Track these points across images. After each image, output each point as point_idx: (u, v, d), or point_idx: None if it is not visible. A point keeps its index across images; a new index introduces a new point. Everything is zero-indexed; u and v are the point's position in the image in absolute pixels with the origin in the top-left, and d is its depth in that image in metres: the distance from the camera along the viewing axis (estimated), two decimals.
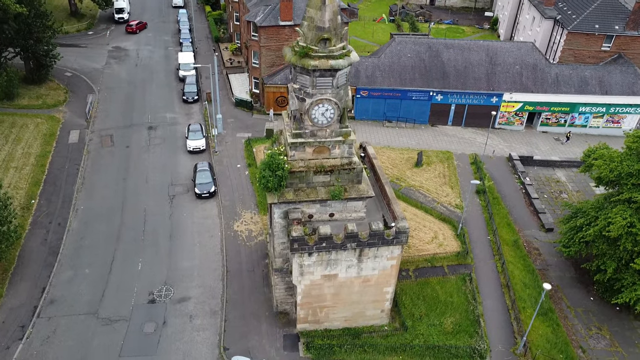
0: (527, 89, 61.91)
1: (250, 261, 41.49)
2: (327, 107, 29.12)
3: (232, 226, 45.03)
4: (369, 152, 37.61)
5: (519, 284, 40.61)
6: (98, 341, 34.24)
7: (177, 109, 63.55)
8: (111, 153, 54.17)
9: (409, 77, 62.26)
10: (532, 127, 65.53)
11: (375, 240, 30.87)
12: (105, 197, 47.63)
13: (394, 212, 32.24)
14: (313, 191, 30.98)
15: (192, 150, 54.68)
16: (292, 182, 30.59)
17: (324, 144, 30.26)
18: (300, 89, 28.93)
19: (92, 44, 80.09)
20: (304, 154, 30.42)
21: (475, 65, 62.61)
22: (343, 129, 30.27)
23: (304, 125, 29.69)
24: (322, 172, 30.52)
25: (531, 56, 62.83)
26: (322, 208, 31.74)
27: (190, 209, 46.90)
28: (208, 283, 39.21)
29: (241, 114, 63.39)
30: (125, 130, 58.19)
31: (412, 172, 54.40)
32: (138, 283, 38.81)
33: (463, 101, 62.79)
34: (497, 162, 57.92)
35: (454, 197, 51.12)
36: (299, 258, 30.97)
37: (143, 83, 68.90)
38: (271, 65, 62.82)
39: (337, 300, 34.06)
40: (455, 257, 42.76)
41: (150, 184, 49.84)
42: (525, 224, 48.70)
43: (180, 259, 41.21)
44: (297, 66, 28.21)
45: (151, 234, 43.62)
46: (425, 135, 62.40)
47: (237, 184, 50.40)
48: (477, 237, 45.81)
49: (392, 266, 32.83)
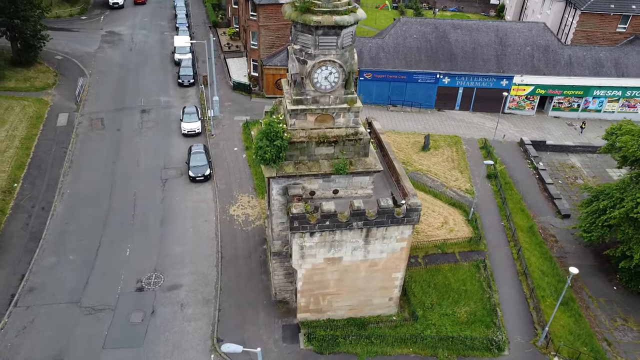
0: (539, 71, 58.97)
1: (246, 247, 38.57)
2: (331, 70, 26.19)
3: (228, 210, 42.11)
4: (376, 128, 34.69)
5: (536, 272, 37.67)
6: (80, 332, 31.29)
7: (172, 93, 60.63)
8: (101, 136, 51.25)
9: (415, 58, 59.32)
10: (544, 112, 62.60)
11: (384, 218, 27.93)
12: (93, 181, 44.70)
13: (404, 189, 29.31)
14: (315, 164, 28.06)
15: (187, 133, 51.75)
16: (292, 154, 27.65)
17: (327, 112, 27.32)
18: (301, 49, 26.01)
19: (85, 28, 77.23)
20: (305, 123, 27.49)
21: (484, 47, 59.67)
22: (348, 96, 27.34)
23: (305, 90, 26.76)
24: (325, 143, 27.60)
25: (543, 37, 59.88)
26: (325, 184, 28.81)
27: (183, 192, 43.98)
28: (201, 270, 36.29)
29: (239, 98, 60.47)
30: (117, 114, 55.27)
31: (418, 156, 51.49)
32: (125, 270, 35.88)
33: (471, 84, 59.85)
34: (508, 147, 54.99)
35: (463, 181, 48.19)
36: (299, 239, 28.04)
37: (137, 67, 66.02)
38: (270, 46, 59.90)
39: (342, 287, 31.12)
40: (467, 243, 39.82)
41: (142, 167, 46.91)
42: (540, 210, 45.76)
43: (171, 245, 38.30)
44: (297, 23, 25.28)
45: (141, 219, 40.70)
46: (432, 119, 59.47)
47: (234, 167, 47.48)
48: (490, 222, 42.86)
49: (402, 249, 29.89)
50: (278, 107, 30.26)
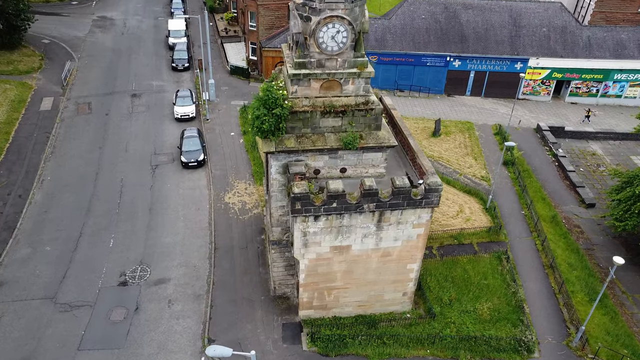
0: (556, 53, 55.28)
1: (243, 237, 34.93)
2: (339, 27, 22.55)
3: (223, 198, 38.47)
4: (386, 103, 31.03)
5: (563, 265, 34.02)
6: (53, 331, 27.62)
7: (165, 77, 56.98)
8: (87, 121, 47.59)
9: (423, 40, 55.64)
10: (560, 98, 58.93)
11: (399, 200, 24.28)
12: (76, 167, 41.06)
13: (422, 166, 25.66)
14: (320, 138, 24.42)
15: (180, 117, 48.10)
16: (294, 126, 24.02)
17: (334, 77, 23.68)
18: (304, 4, 22.37)
19: (75, 13, 73.62)
20: (308, 90, 23.84)
21: (497, 28, 55.99)
22: (358, 59, 23.70)
23: (309, 52, 23.12)
24: (331, 113, 23.96)
25: (560, 17, 56.19)
26: (332, 161, 25.17)
27: (175, 179, 40.33)
28: (192, 262, 32.64)
29: (236, 82, 56.85)
30: (106, 98, 51.62)
31: (429, 142, 47.86)
32: (108, 262, 32.22)
33: (483, 67, 56.15)
34: (524, 134, 51.35)
35: (478, 168, 44.53)
36: (302, 223, 24.39)
37: (129, 51, 62.37)
38: (270, 27, 56.22)
39: (350, 280, 27.46)
40: (486, 233, 36.17)
41: (130, 152, 43.25)
42: (562, 199, 42.09)
43: (160, 235, 34.66)
44: None
45: (127, 207, 37.05)
46: (442, 105, 55.81)
47: (230, 152, 43.81)
48: (510, 211, 39.21)
49: (419, 236, 26.24)
50: (278, 75, 26.59)
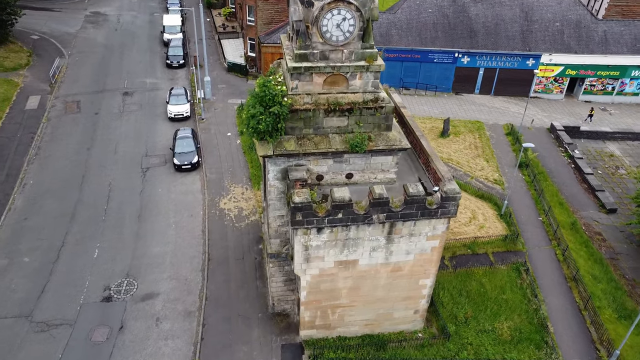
0: (570, 49, 52.54)
1: (239, 246, 32.25)
2: (345, 14, 19.86)
3: (218, 203, 35.78)
4: (396, 101, 28.30)
5: (586, 277, 31.33)
6: (26, 354, 24.95)
7: (159, 74, 54.29)
8: (75, 120, 44.90)
9: (430, 35, 52.92)
10: (573, 96, 56.20)
11: (412, 209, 21.60)
12: (61, 170, 38.38)
13: (438, 172, 22.95)
14: (324, 140, 21.73)
15: (174, 117, 45.41)
16: (294, 126, 21.34)
17: (339, 71, 20.99)
18: None
19: (67, 8, 70.94)
20: (310, 86, 21.16)
21: (508, 22, 53.25)
22: (367, 50, 21.02)
23: (311, 43, 20.43)
24: (336, 111, 21.28)
25: (574, 11, 53.44)
26: (337, 165, 22.49)
27: (167, 183, 37.65)
28: (183, 274, 29.97)
29: (234, 80, 54.14)
30: (96, 96, 48.94)
31: (437, 142, 45.13)
32: (91, 275, 29.56)
33: (493, 64, 53.44)
34: (537, 134, 48.63)
35: (490, 171, 41.83)
36: (303, 236, 21.70)
37: (122, 47, 59.69)
38: (269, 22, 53.51)
39: (356, 297, 24.78)
40: (501, 242, 33.47)
41: (120, 154, 40.58)
42: (581, 204, 39.39)
43: (149, 244, 31.99)
44: None
45: (115, 214, 34.38)
46: (450, 103, 53.09)
47: (226, 154, 41.12)
48: (526, 218, 36.51)
49: (434, 249, 23.56)
50: (276, 69, 23.90)
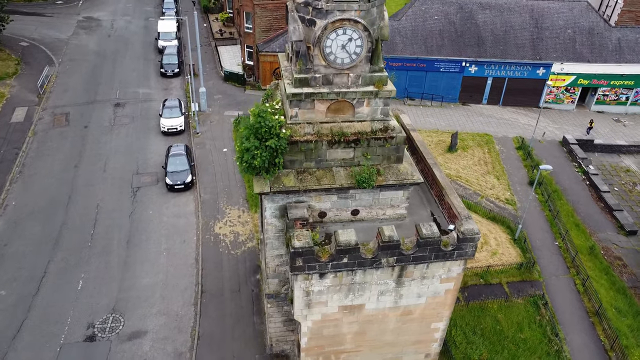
0: (582, 57, 50.32)
1: (235, 276, 30.01)
2: (352, 34, 17.61)
3: (213, 228, 33.53)
4: (404, 122, 26.05)
5: (610, 310, 29.11)
6: None
7: (153, 84, 52.02)
8: (63, 135, 42.63)
9: (437, 43, 50.68)
10: (585, 106, 53.99)
11: (425, 252, 19.35)
12: (47, 190, 36.12)
13: (453, 208, 20.69)
14: (327, 174, 19.47)
15: (167, 131, 43.15)
16: (294, 159, 19.09)
17: (344, 98, 18.74)
18: (306, 3, 17.42)
19: (59, 13, 68.58)
20: (312, 114, 18.90)
21: (518, 30, 51.03)
22: (375, 74, 18.80)
23: (313, 65, 18.18)
24: (341, 143, 19.03)
25: (586, 17, 51.23)
26: (341, 201, 20.23)
27: (158, 204, 35.39)
28: (174, 309, 27.71)
29: (231, 90, 51.85)
30: (86, 108, 46.67)
31: (445, 158, 42.90)
32: (74, 310, 27.30)
33: (502, 74, 51.21)
34: (548, 147, 46.41)
35: (501, 189, 39.59)
36: (304, 282, 19.45)
37: (114, 55, 57.41)
38: (267, 29, 51.28)
39: (362, 342, 22.52)
40: (516, 270, 31.26)
41: (109, 172, 38.32)
42: (598, 225, 37.21)
43: (138, 274, 29.73)
44: None
45: (102, 239, 32.13)
46: (456, 115, 50.85)
47: (222, 172, 38.86)
48: (542, 242, 34.28)
49: (448, 291, 21.30)
50: (274, 92, 21.65)
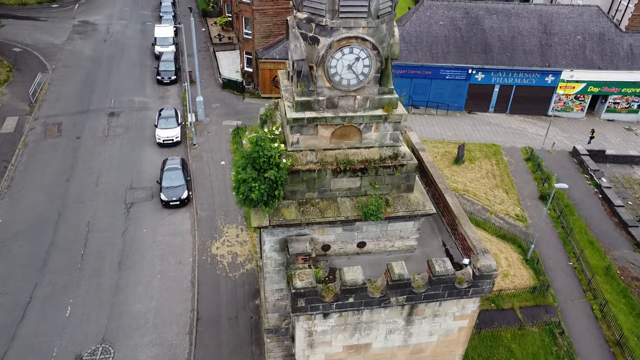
0: (592, 64, 48.69)
1: (232, 302, 28.39)
2: (359, 53, 15.98)
3: (210, 248, 31.90)
4: (413, 142, 24.40)
5: (631, 339, 27.48)
6: None
7: (149, 92, 50.43)
8: (55, 146, 41.03)
9: (442, 50, 49.06)
10: (595, 114, 52.37)
11: (438, 290, 17.71)
12: (36, 206, 34.51)
13: (467, 240, 19.05)
14: (331, 205, 17.84)
15: (163, 142, 41.53)
16: (295, 190, 17.46)
17: (351, 122, 17.10)
18: (309, 19, 15.78)
19: (54, 17, 67.06)
20: (315, 140, 17.27)
21: (526, 36, 49.40)
22: (385, 96, 17.16)
23: (317, 87, 16.53)
24: (347, 171, 17.39)
25: (596, 23, 49.59)
26: (347, 234, 18.61)
27: (152, 222, 33.77)
28: (168, 338, 26.09)
29: (230, 98, 50.24)
30: (79, 117, 45.08)
31: (451, 170, 41.28)
32: (61, 339, 25.70)
33: (509, 81, 49.61)
34: (558, 158, 44.79)
35: (511, 204, 37.95)
36: (306, 322, 17.82)
37: (110, 61, 55.85)
38: (267, 35, 49.67)
39: None
40: (529, 294, 29.62)
41: (102, 187, 36.71)
42: (612, 242, 35.58)
43: (129, 299, 28.11)
44: None
45: (93, 260, 30.51)
46: (462, 123, 49.22)
47: (220, 186, 37.24)
48: (555, 262, 32.65)
49: (462, 329, 19.67)
50: (273, 112, 20.00)
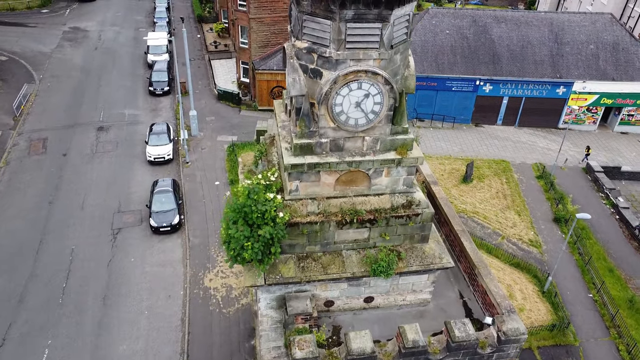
0: (606, 75, 46.43)
1: (226, 343, 26.07)
2: (369, 88, 13.66)
3: (203, 280, 29.58)
4: (424, 174, 22.09)
5: None
6: None
7: (141, 104, 48.10)
8: (39, 164, 38.69)
9: (448, 60, 46.77)
10: (607, 126, 50.13)
11: (457, 356, 15.41)
12: (15, 232, 32.17)
13: (490, 296, 16.75)
14: (335, 260, 15.53)
15: (154, 160, 39.21)
16: (294, 244, 15.15)
17: (359, 168, 14.77)
18: (310, 50, 13.47)
19: (44, 23, 64.68)
20: (317, 187, 14.95)
21: (536, 45, 47.14)
22: (398, 137, 14.81)
23: (319, 128, 14.20)
24: (354, 223, 15.07)
25: (610, 32, 47.35)
26: (353, 289, 16.31)
27: (141, 250, 31.43)
28: None
29: (225, 110, 47.93)
30: (66, 132, 42.74)
31: (459, 190, 38.98)
32: None
33: (519, 93, 47.35)
34: (571, 175, 42.54)
35: (524, 228, 35.67)
36: None
37: (100, 70, 53.53)
38: (264, 45, 47.35)
39: None
40: (548, 332, 27.32)
41: (87, 210, 34.37)
42: (633, 269, 33.35)
43: (114, 339, 25.79)
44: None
45: (75, 294, 28.18)
46: (469, 137, 46.94)
47: (214, 209, 34.93)
48: (574, 294, 30.37)
49: None
50: (269, 148, 17.66)
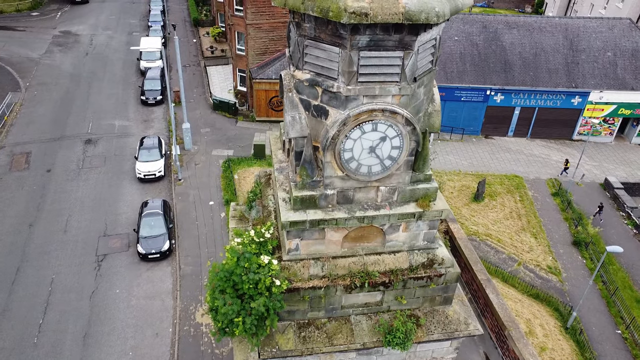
0: (625, 84, 43.95)
1: None
2: (386, 130, 11.02)
3: (194, 314, 27.05)
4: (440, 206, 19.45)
5: None
6: None
7: (132, 114, 45.61)
8: (20, 181, 36.19)
9: (457, 69, 44.25)
10: (625, 138, 47.64)
11: None
12: None
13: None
14: (342, 327, 12.97)
15: (144, 177, 36.69)
16: (294, 310, 12.60)
17: (372, 223, 12.18)
18: (313, 82, 10.81)
19: (33, 27, 62.22)
20: (321, 245, 12.38)
21: (550, 52, 44.65)
22: (420, 186, 12.22)
23: (324, 177, 11.59)
24: (365, 287, 12.52)
25: (629, 37, 44.85)
26: (363, 357, 13.76)
27: (127, 280, 28.92)
28: None
29: (221, 121, 45.43)
30: (51, 146, 40.24)
31: (470, 209, 36.48)
32: None
33: (531, 103, 44.88)
34: (588, 192, 40.04)
35: (541, 252, 33.12)
36: None
37: (91, 78, 51.09)
38: (262, 52, 44.85)
39: None
40: None
41: (71, 234, 31.87)
42: None
43: None
44: (305, 17, 10.14)
45: (52, 333, 25.65)
46: (479, 150, 44.40)
47: (207, 233, 32.40)
48: (599, 330, 27.82)
49: None
50: (264, 189, 15.06)
